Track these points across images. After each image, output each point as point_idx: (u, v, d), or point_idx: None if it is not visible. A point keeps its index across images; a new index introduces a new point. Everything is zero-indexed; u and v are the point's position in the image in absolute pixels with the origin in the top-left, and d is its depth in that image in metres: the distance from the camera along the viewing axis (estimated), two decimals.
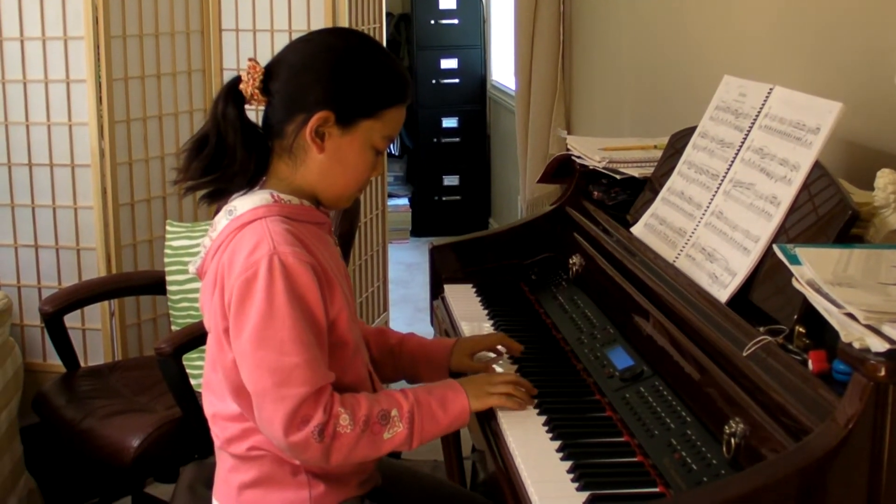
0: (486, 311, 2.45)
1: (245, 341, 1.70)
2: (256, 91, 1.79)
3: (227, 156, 1.78)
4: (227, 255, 1.75)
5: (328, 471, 1.82)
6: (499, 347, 2.14)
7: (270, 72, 1.80)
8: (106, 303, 3.64)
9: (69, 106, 3.62)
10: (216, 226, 1.81)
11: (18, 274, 3.76)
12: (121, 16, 3.62)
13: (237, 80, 1.80)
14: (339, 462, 1.74)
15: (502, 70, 6.49)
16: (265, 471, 1.82)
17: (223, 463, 1.89)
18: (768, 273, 1.74)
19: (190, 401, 2.75)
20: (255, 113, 1.81)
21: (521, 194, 4.60)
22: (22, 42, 3.62)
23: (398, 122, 1.85)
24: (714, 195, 1.99)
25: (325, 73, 1.78)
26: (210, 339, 1.85)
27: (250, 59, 1.80)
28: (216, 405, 1.86)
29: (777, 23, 2.44)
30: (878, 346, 1.33)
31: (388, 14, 6.47)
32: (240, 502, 1.85)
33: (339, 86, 1.77)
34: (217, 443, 1.89)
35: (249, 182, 1.81)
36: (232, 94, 1.80)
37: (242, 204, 1.78)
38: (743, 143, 1.97)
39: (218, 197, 1.83)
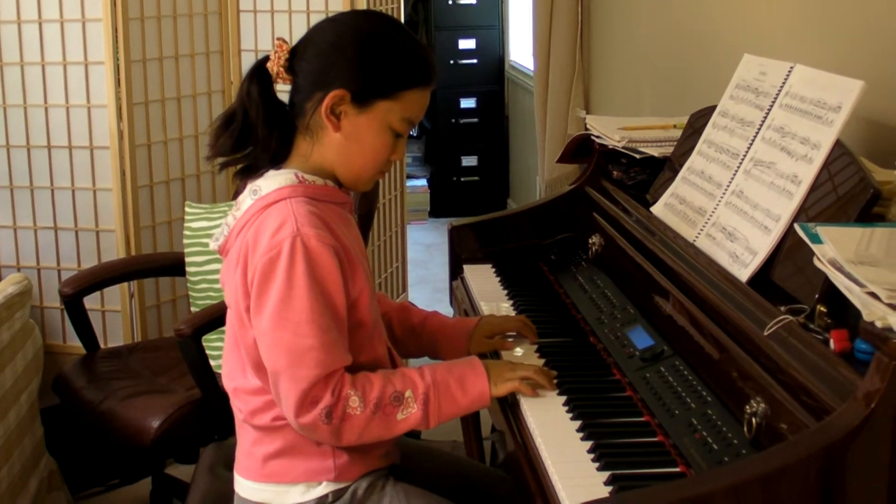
0: (505, 292, 2.45)
1: (265, 320, 1.72)
2: (282, 69, 1.82)
3: (251, 132, 1.81)
4: (252, 234, 1.77)
5: None
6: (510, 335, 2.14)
7: (296, 51, 1.83)
8: (125, 284, 3.64)
9: (87, 88, 3.62)
10: (240, 205, 1.83)
11: (38, 256, 3.77)
12: None
13: (265, 59, 1.84)
14: (351, 442, 1.77)
15: (520, 50, 6.47)
16: (289, 440, 1.83)
17: (246, 437, 1.90)
18: (789, 252, 1.73)
19: (210, 382, 2.76)
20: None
21: (539, 174, 4.59)
22: (40, 24, 3.62)
23: (419, 106, 1.84)
24: (734, 174, 1.98)
25: (347, 54, 1.79)
26: (230, 315, 1.87)
27: (278, 38, 1.83)
28: (237, 380, 1.87)
29: (797, 0, 2.42)
30: None
31: None
32: (265, 474, 1.86)
33: (358, 66, 1.78)
34: (240, 416, 1.90)
35: (273, 158, 1.83)
36: (258, 72, 1.83)
37: (267, 184, 1.80)
38: (763, 121, 1.96)
39: (249, 173, 1.85)
